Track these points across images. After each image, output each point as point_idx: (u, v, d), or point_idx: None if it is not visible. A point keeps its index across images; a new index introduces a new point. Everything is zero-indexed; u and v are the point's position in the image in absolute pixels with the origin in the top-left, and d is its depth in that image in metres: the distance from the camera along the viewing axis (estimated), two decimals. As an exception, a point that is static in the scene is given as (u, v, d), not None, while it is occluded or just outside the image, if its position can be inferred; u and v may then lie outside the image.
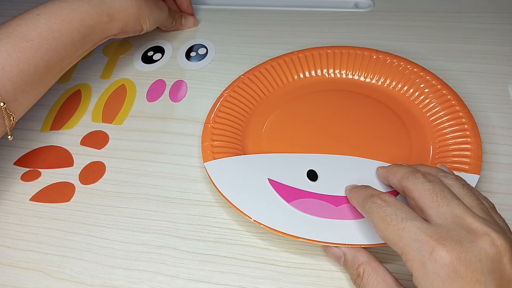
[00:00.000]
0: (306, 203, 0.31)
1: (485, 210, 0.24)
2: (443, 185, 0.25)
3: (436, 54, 0.43)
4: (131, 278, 0.30)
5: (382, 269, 0.25)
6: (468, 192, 0.25)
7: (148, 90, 0.43)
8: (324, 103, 0.38)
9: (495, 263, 0.21)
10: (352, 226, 0.29)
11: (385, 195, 0.26)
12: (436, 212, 0.23)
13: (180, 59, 0.46)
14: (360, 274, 0.25)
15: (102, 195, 0.35)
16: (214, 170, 0.33)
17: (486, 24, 0.45)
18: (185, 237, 0.32)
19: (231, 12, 0.51)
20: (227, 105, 0.38)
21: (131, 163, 0.37)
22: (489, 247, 0.21)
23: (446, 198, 0.24)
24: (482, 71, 0.41)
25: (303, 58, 0.41)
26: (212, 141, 0.35)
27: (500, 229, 0.22)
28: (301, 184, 0.32)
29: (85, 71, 0.46)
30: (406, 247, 0.22)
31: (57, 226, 0.33)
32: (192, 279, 0.30)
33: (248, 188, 0.32)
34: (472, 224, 0.22)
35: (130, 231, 0.33)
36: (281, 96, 0.40)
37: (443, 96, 0.36)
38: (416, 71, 0.38)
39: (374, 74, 0.39)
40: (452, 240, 0.21)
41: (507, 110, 0.38)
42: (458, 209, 0.23)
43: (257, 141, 0.36)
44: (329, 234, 0.29)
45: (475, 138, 0.33)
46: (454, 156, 0.32)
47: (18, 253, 0.32)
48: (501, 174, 0.34)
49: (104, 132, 0.40)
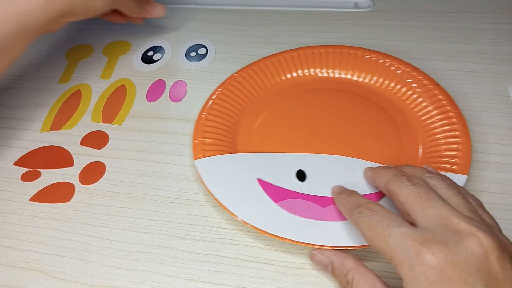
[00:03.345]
0: (293, 204, 0.31)
1: (472, 209, 0.24)
2: (428, 187, 0.25)
3: (436, 54, 0.43)
4: (131, 278, 0.30)
5: (371, 274, 0.25)
6: (454, 192, 0.25)
7: (148, 90, 0.43)
8: (316, 102, 0.38)
9: (482, 262, 0.21)
10: (338, 228, 0.29)
11: (371, 204, 0.26)
12: (422, 216, 0.24)
13: (180, 59, 0.46)
14: (349, 281, 0.25)
15: (102, 195, 0.35)
16: (204, 168, 0.33)
17: (486, 24, 0.45)
18: (185, 237, 0.32)
19: (231, 12, 0.51)
20: (220, 103, 0.38)
21: (131, 163, 0.37)
22: (475, 247, 0.21)
23: (431, 201, 0.24)
24: (482, 71, 0.41)
25: (296, 57, 0.41)
26: (203, 139, 0.35)
27: (486, 228, 0.22)
28: (290, 184, 0.32)
29: (85, 71, 0.46)
30: (394, 253, 0.22)
31: (57, 226, 0.33)
32: (192, 279, 0.30)
33: (237, 187, 0.32)
34: (458, 225, 0.22)
35: (130, 231, 0.33)
36: (273, 94, 0.40)
37: (434, 96, 0.36)
38: (408, 70, 0.38)
39: (366, 73, 0.40)
40: (438, 242, 0.21)
41: (507, 110, 0.38)
42: (443, 210, 0.23)
43: (248, 139, 0.36)
44: (315, 235, 0.29)
45: (465, 138, 0.33)
46: (443, 156, 0.33)
47: (18, 253, 0.32)
48: (502, 174, 0.34)
49: (104, 132, 0.40)
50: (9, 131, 0.40)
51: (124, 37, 0.49)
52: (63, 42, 0.50)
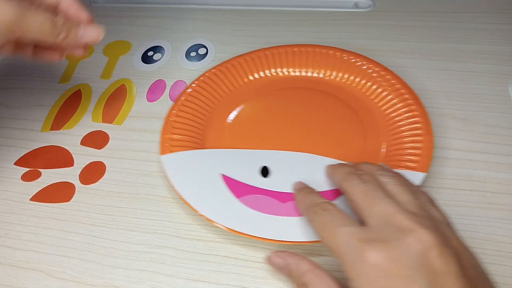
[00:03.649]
0: (254, 199, 0.32)
1: (419, 206, 0.24)
2: (376, 185, 0.25)
3: (436, 54, 0.43)
4: (131, 278, 0.30)
5: (326, 276, 0.25)
6: (402, 188, 0.25)
7: (148, 90, 0.43)
8: (288, 101, 0.39)
9: (423, 258, 0.21)
10: (295, 224, 0.30)
11: (326, 203, 0.26)
12: (370, 213, 0.24)
13: (180, 59, 0.46)
14: (305, 283, 0.25)
15: (102, 195, 0.35)
16: (169, 164, 0.34)
17: (486, 24, 0.45)
18: (185, 237, 0.32)
19: (231, 12, 0.51)
20: (191, 100, 0.39)
21: (131, 163, 0.37)
22: (415, 243, 0.21)
23: (377, 198, 0.24)
24: (482, 71, 0.41)
25: (270, 56, 0.41)
26: (172, 134, 0.36)
27: (430, 223, 0.22)
28: (253, 180, 0.33)
29: (85, 71, 0.46)
30: (341, 252, 0.23)
31: (57, 226, 0.33)
32: (192, 279, 0.30)
33: (200, 182, 0.33)
34: (401, 222, 0.22)
35: (130, 231, 0.33)
36: (245, 93, 0.40)
37: (401, 96, 0.37)
38: (378, 70, 0.39)
39: (337, 72, 0.40)
40: (381, 241, 0.22)
41: (507, 110, 0.38)
42: (389, 207, 0.23)
43: (217, 136, 0.37)
44: (273, 231, 0.29)
45: (427, 136, 0.33)
46: (406, 155, 0.33)
47: (18, 253, 0.32)
48: (502, 174, 0.34)
49: (104, 132, 0.40)
50: (10, 131, 0.41)
51: (124, 37, 0.49)
52: (63, 42, 0.50)
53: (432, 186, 0.33)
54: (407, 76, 0.40)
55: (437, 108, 0.38)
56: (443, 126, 0.37)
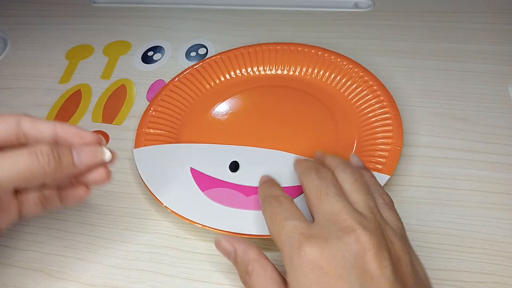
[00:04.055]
0: (219, 192, 0.32)
1: (369, 207, 0.24)
2: (331, 182, 0.25)
3: (436, 54, 0.43)
4: (131, 278, 0.30)
5: (271, 266, 0.25)
6: (358, 187, 0.25)
7: (148, 90, 0.43)
8: (263, 99, 0.40)
9: (358, 258, 0.21)
10: (256, 217, 0.30)
11: (283, 197, 0.26)
12: (318, 209, 0.24)
13: (180, 59, 0.46)
14: (249, 271, 0.25)
15: (102, 195, 0.35)
16: (141, 157, 0.35)
17: (486, 24, 0.45)
18: (185, 237, 0.32)
19: (231, 12, 0.51)
20: (170, 95, 0.39)
21: (132, 163, 0.37)
22: (353, 243, 0.21)
23: (328, 195, 0.24)
24: (482, 71, 0.41)
25: (253, 53, 0.42)
26: (147, 129, 0.37)
27: (373, 226, 0.22)
28: (221, 174, 0.34)
29: (85, 71, 0.46)
30: (282, 244, 0.23)
31: (57, 226, 0.33)
32: (192, 279, 0.30)
33: (169, 175, 0.33)
34: (345, 221, 0.23)
35: (130, 231, 0.33)
36: (223, 90, 0.41)
37: (377, 97, 0.37)
38: (357, 70, 0.39)
39: (313, 69, 0.41)
40: (320, 238, 0.22)
41: (507, 110, 0.38)
42: (336, 205, 0.23)
43: (193, 131, 0.38)
44: (232, 223, 0.30)
45: (396, 139, 0.33)
46: (374, 156, 0.33)
47: (18, 253, 0.32)
48: (502, 174, 0.34)
49: (104, 132, 0.40)
50: (10, 131, 0.40)
51: (124, 37, 0.49)
52: (63, 42, 0.50)
53: (432, 186, 0.33)
54: (406, 76, 0.41)
55: (437, 108, 0.38)
56: (443, 126, 0.37)
